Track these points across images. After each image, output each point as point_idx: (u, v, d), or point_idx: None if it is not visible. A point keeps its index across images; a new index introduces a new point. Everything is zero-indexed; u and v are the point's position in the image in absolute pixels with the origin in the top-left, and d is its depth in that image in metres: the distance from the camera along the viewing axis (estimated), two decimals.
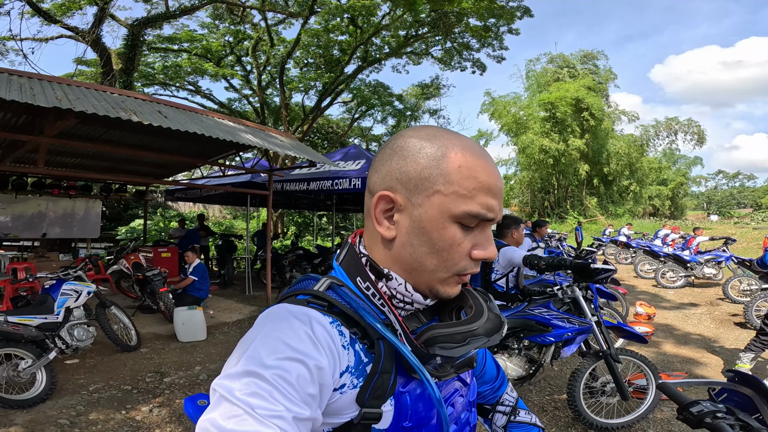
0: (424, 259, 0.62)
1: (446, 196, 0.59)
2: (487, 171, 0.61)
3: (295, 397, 0.51)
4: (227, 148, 6.91)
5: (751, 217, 28.69)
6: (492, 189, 0.61)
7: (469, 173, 0.60)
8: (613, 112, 30.81)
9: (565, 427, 3.23)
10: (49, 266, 7.11)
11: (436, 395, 0.61)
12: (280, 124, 17.87)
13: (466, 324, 0.61)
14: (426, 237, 0.61)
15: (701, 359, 4.92)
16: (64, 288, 4.08)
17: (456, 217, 0.60)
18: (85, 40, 11.30)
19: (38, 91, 4.24)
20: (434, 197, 0.60)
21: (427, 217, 0.60)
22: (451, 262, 0.62)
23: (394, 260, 0.64)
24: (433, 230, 0.60)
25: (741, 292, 7.82)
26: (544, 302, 3.50)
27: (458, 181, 0.59)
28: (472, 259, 0.62)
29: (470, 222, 0.60)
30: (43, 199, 9.11)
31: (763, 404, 1.39)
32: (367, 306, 0.63)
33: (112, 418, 3.21)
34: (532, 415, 0.93)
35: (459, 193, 0.59)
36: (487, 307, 0.64)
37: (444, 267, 0.62)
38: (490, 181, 0.61)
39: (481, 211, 0.60)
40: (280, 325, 0.57)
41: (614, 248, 14.54)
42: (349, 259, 0.68)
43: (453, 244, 0.61)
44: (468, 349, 0.60)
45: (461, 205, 0.59)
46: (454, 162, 0.60)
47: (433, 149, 0.61)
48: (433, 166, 0.60)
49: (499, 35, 15.91)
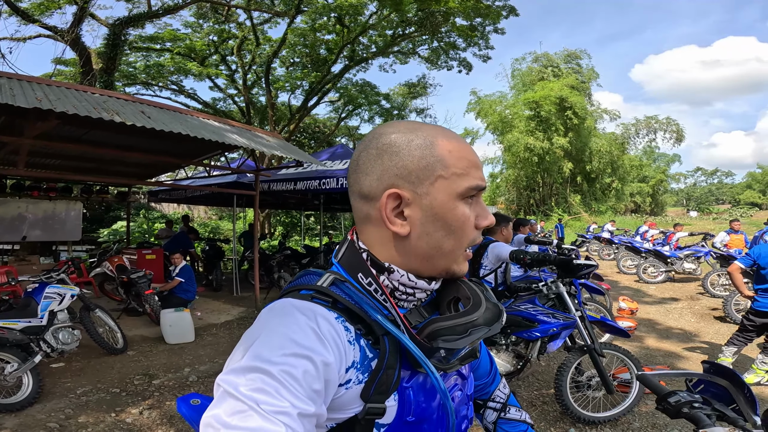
0: (443, 243, 0.64)
1: (448, 179, 0.63)
2: (469, 150, 0.67)
3: (301, 393, 0.51)
4: (213, 148, 6.84)
5: (729, 212, 29.45)
6: (477, 163, 0.67)
7: (459, 154, 0.65)
8: (596, 110, 31.36)
9: (554, 422, 3.30)
10: (30, 269, 6.96)
11: (442, 388, 0.62)
12: (267, 123, 17.73)
13: (465, 315, 0.62)
14: (441, 221, 0.64)
15: (683, 353, 5.06)
16: (47, 291, 4.03)
17: (461, 195, 0.64)
18: (64, 40, 11.07)
19: (18, 92, 4.15)
20: (438, 183, 0.63)
21: (438, 203, 0.63)
22: (465, 238, 0.66)
23: (412, 254, 0.65)
24: (446, 213, 0.63)
25: (720, 287, 8.04)
26: (529, 298, 3.57)
27: (453, 163, 0.64)
28: (476, 228, 0.67)
29: (471, 194, 0.65)
30: (22, 201, 8.90)
31: (739, 395, 1.44)
32: (370, 302, 0.63)
33: (102, 421, 3.18)
34: (522, 412, 0.94)
35: (457, 173, 0.64)
36: (484, 296, 0.66)
37: (460, 244, 0.66)
38: (474, 158, 0.67)
39: (479, 183, 0.65)
40: (285, 321, 0.57)
41: (597, 244, 14.82)
42: (349, 256, 0.68)
43: (465, 220, 0.65)
44: (470, 340, 0.60)
45: (462, 183, 0.64)
46: (444, 147, 0.64)
47: (421, 140, 0.64)
48: (428, 155, 0.63)
49: (485, 34, 16.06)
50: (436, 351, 0.61)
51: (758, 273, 4.05)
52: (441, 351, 0.61)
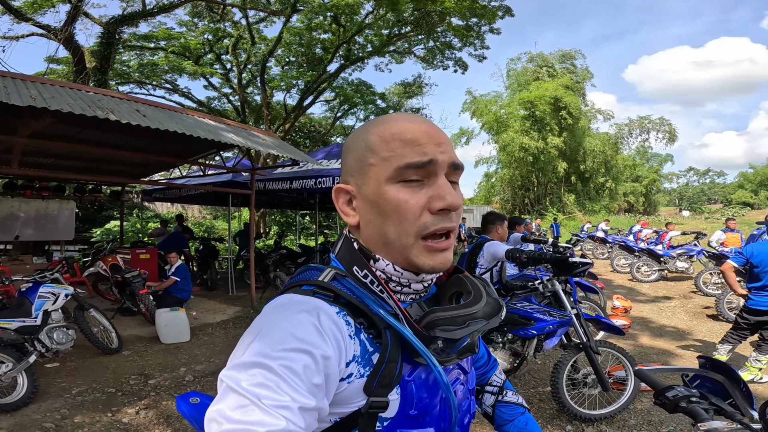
0: (384, 229, 0.64)
1: (376, 165, 0.64)
2: (410, 128, 0.64)
3: (302, 387, 0.52)
4: (208, 147, 6.81)
5: (721, 212, 29.73)
6: (419, 139, 0.63)
7: (392, 137, 0.64)
8: (590, 110, 31.55)
9: (551, 419, 3.32)
10: (23, 269, 6.89)
11: (445, 381, 0.63)
12: (262, 122, 17.67)
13: (465, 307, 0.63)
14: (376, 208, 0.64)
15: (676, 351, 5.10)
16: (41, 291, 3.99)
17: (390, 178, 0.63)
18: (58, 38, 10.95)
19: (12, 90, 4.11)
20: (370, 171, 0.65)
21: (370, 190, 0.65)
22: (406, 223, 0.62)
23: (368, 243, 0.68)
24: (378, 199, 0.64)
25: (713, 285, 8.12)
26: (525, 296, 3.60)
27: (381, 147, 0.64)
28: (432, 213, 0.62)
29: (407, 176, 0.62)
30: (15, 200, 8.81)
31: (735, 389, 1.46)
32: (371, 296, 0.64)
33: (99, 421, 3.15)
34: (518, 396, 0.97)
35: (386, 157, 0.63)
36: (485, 292, 0.67)
37: (403, 231, 0.63)
38: (416, 134, 0.63)
39: (411, 160, 0.62)
40: (286, 316, 0.58)
41: (591, 243, 14.91)
42: (345, 250, 0.70)
43: (398, 203, 0.62)
44: (468, 332, 0.62)
45: (391, 165, 0.63)
46: (376, 135, 0.65)
47: (362, 134, 0.68)
48: (362, 147, 0.66)
49: (481, 34, 16.11)
50: (434, 341, 0.62)
51: (751, 271, 4.08)
52: (439, 342, 0.62)
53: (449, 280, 0.75)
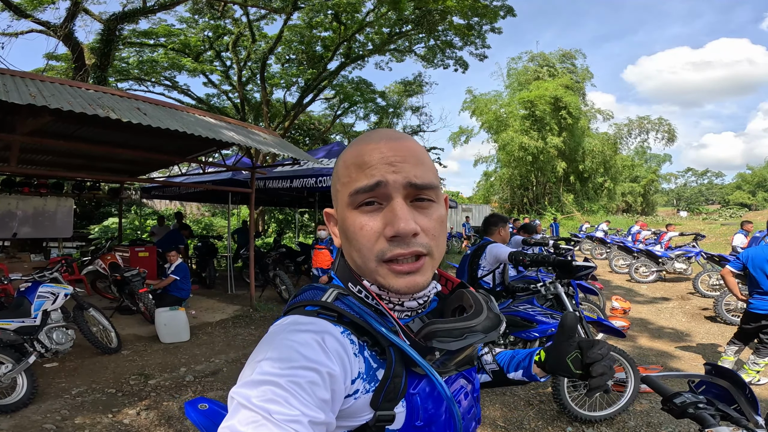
0: (351, 253, 0.67)
1: (340, 191, 0.67)
2: (365, 150, 0.64)
3: (310, 402, 0.53)
4: (208, 145, 6.79)
5: (719, 213, 29.81)
6: (370, 162, 0.63)
7: (353, 161, 0.65)
8: (589, 110, 31.57)
9: (551, 420, 3.33)
10: (21, 267, 6.86)
11: (446, 392, 0.65)
12: (261, 120, 17.63)
13: (465, 320, 0.64)
14: (343, 234, 0.68)
15: (675, 352, 5.11)
16: (40, 290, 3.97)
17: (349, 204, 0.64)
18: (57, 35, 10.90)
19: (11, 88, 4.08)
20: (337, 197, 0.68)
21: (339, 216, 0.68)
22: (364, 248, 0.63)
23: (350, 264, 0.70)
24: (343, 224, 0.66)
25: (710, 287, 8.14)
26: (528, 298, 3.60)
27: (343, 173, 0.66)
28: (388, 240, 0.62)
29: (361, 200, 0.63)
30: (13, 197, 8.76)
31: (740, 395, 1.48)
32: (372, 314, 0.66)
33: (99, 422, 3.14)
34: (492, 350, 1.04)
35: (345, 183, 0.65)
36: (487, 306, 0.68)
37: (364, 256, 0.64)
38: (367, 157, 0.63)
39: (360, 185, 0.62)
40: (292, 336, 0.59)
41: (590, 244, 14.94)
42: (341, 267, 0.72)
43: (357, 229, 0.64)
44: (464, 344, 0.63)
45: (347, 191, 0.64)
46: (341, 161, 0.68)
47: (338, 161, 0.70)
48: (334, 174, 0.69)
49: (482, 34, 16.08)
50: (431, 351, 0.63)
51: (750, 276, 4.07)
52: (436, 352, 0.63)
53: (452, 295, 0.76)
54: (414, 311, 0.71)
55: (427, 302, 0.72)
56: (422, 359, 0.62)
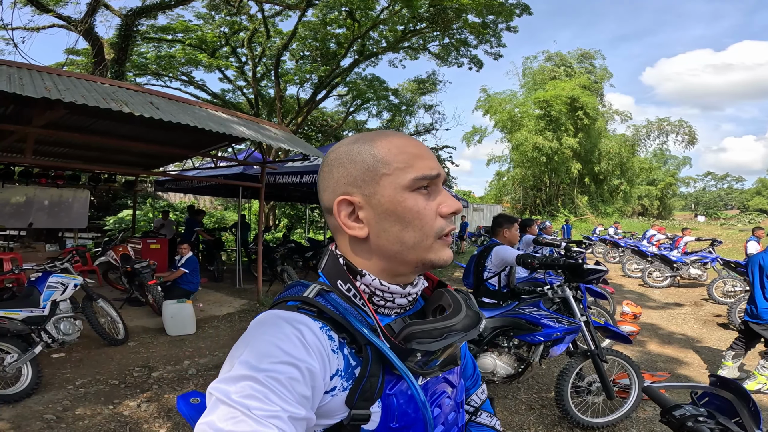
0: (403, 236, 0.66)
1: (391, 174, 0.66)
2: (411, 143, 0.69)
3: (290, 397, 0.53)
4: (220, 139, 6.83)
5: (737, 218, 29.11)
6: (423, 154, 0.68)
7: (399, 150, 0.67)
8: (607, 111, 31.06)
9: (552, 425, 3.27)
10: (36, 257, 7.02)
11: (421, 398, 0.65)
12: (274, 115, 17.72)
13: (444, 320, 0.64)
14: (394, 216, 0.66)
15: (684, 359, 5.00)
16: (50, 281, 4.03)
17: (408, 187, 0.66)
18: (78, 30, 11.08)
19: (27, 81, 4.15)
20: (382, 180, 0.66)
21: (386, 200, 0.66)
22: (427, 227, 0.66)
23: (376, 254, 0.68)
24: (396, 207, 0.65)
25: (725, 293, 7.95)
26: (534, 301, 3.53)
27: (394, 158, 0.66)
28: (443, 217, 0.67)
29: (422, 185, 0.66)
30: (30, 188, 8.97)
31: (743, 408, 1.43)
32: (354, 311, 0.66)
33: (99, 413, 3.18)
34: (493, 419, 0.95)
35: (399, 168, 0.66)
36: (465, 305, 0.68)
37: (424, 235, 0.66)
38: (418, 150, 0.68)
39: (425, 173, 0.66)
40: (271, 331, 0.59)
41: (603, 247, 14.71)
42: (330, 265, 0.71)
43: (419, 210, 0.66)
44: (444, 344, 0.62)
45: (407, 175, 0.66)
46: (383, 147, 0.67)
47: (362, 147, 0.68)
48: (369, 159, 0.67)
49: (498, 32, 15.90)
50: (411, 353, 0.63)
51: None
52: (417, 354, 0.63)
53: (434, 295, 0.76)
54: (403, 309, 0.71)
55: (414, 300, 0.73)
56: (399, 361, 0.62)
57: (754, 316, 4.01)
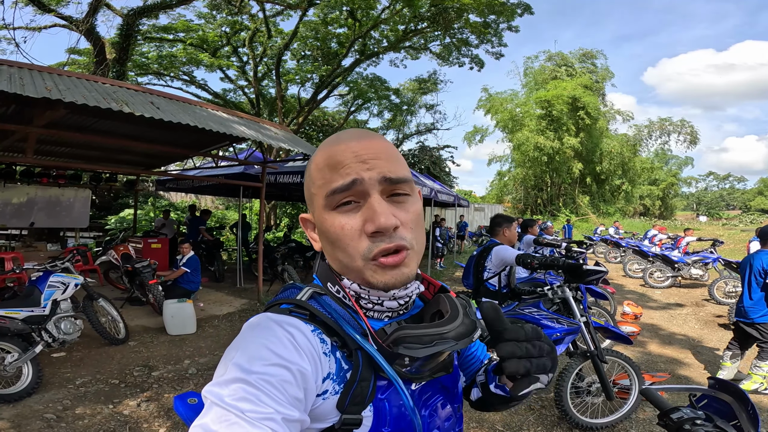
0: (335, 254, 0.66)
1: (316, 194, 0.66)
2: (336, 151, 0.64)
3: (282, 399, 0.53)
4: (220, 139, 6.83)
5: (739, 219, 29.05)
6: (343, 161, 0.63)
7: (324, 162, 0.65)
8: (609, 111, 30.99)
9: (551, 426, 3.27)
10: (37, 256, 7.03)
11: (408, 403, 0.63)
12: (275, 115, 17.74)
13: (437, 326, 0.61)
14: (324, 235, 0.67)
15: (685, 359, 4.99)
16: (51, 280, 4.03)
17: (326, 206, 0.64)
18: (79, 30, 11.08)
19: (28, 81, 4.16)
20: (314, 200, 0.67)
21: (317, 219, 0.67)
22: (350, 248, 0.63)
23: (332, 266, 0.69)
24: (322, 227, 0.66)
25: (726, 294, 7.93)
26: (534, 302, 3.53)
27: (317, 176, 0.66)
28: (369, 237, 0.62)
29: (338, 200, 0.63)
30: (31, 187, 8.97)
31: (741, 411, 1.42)
32: (345, 315, 0.66)
33: (99, 413, 3.19)
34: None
35: (321, 185, 0.65)
36: (463, 312, 0.65)
37: (350, 256, 0.63)
38: (340, 156, 0.63)
39: (336, 185, 0.62)
40: (263, 333, 0.59)
41: (604, 247, 14.67)
42: (322, 268, 0.72)
43: (339, 229, 0.63)
44: (432, 351, 0.60)
45: (323, 193, 0.64)
46: (313, 164, 0.67)
47: (311, 160, 0.69)
48: (307, 178, 0.69)
49: (499, 32, 15.88)
50: (398, 357, 0.61)
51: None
52: (405, 358, 0.61)
53: (433, 299, 0.74)
54: (395, 312, 0.69)
55: (409, 303, 0.71)
56: (388, 365, 0.61)
57: (742, 314, 4.03)
